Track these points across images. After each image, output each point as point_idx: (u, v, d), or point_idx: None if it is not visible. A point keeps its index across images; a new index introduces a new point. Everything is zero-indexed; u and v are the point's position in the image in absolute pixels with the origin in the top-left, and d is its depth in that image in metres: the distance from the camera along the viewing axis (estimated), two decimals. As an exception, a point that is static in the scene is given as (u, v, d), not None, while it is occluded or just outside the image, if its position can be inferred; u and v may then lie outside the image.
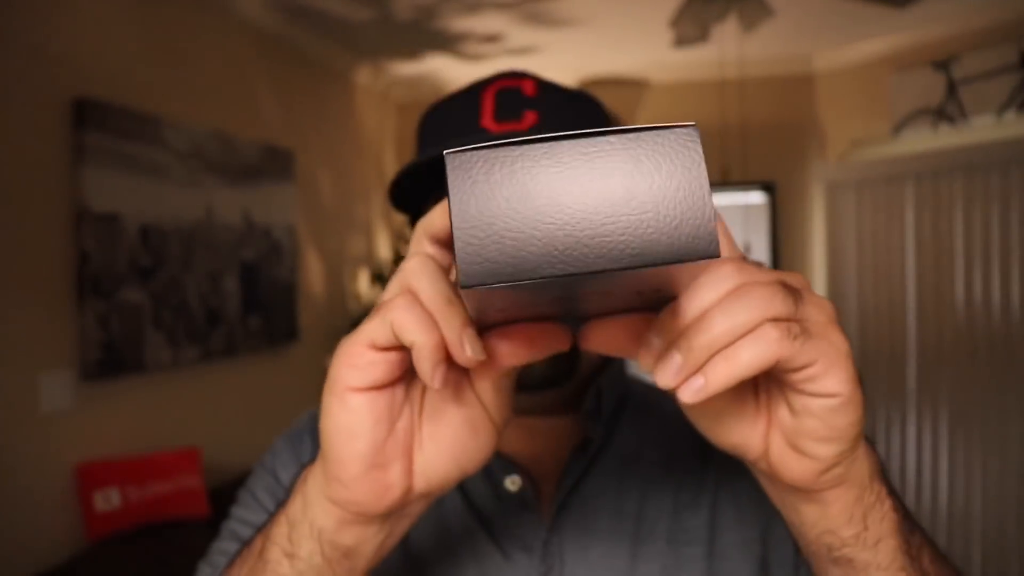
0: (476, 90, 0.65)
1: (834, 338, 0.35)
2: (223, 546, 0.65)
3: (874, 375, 3.40)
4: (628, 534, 0.62)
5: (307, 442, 0.70)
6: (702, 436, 0.65)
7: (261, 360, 2.93)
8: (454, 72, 3.75)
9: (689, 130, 0.28)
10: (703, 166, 0.28)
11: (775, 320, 0.33)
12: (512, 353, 0.37)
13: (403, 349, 0.37)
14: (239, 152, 2.74)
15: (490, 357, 0.37)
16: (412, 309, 0.35)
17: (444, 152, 0.28)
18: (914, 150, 3.26)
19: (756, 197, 3.78)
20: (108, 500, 2.07)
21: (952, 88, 3.15)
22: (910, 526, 0.43)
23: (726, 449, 0.41)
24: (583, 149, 0.28)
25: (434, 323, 0.35)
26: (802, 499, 0.40)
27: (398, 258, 3.73)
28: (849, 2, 2.80)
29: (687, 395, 0.33)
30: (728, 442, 0.40)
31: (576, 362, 0.64)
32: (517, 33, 3.22)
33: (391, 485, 0.40)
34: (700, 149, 0.28)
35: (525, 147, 0.28)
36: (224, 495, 2.40)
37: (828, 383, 0.35)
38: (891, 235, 3.33)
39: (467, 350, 0.35)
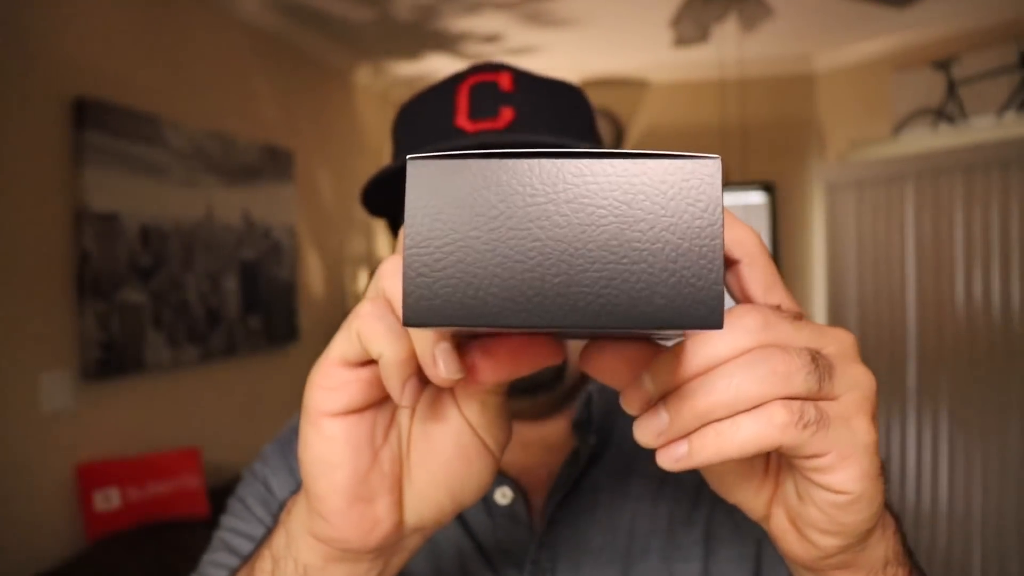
0: (451, 85, 0.62)
1: (857, 427, 0.30)
2: (214, 557, 0.63)
3: (874, 374, 3.38)
4: (621, 550, 0.60)
5: (296, 449, 0.69)
6: None
7: (261, 360, 2.93)
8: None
9: (710, 163, 0.23)
10: (721, 212, 0.23)
11: (788, 399, 0.28)
12: (493, 369, 0.31)
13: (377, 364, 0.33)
14: (239, 152, 2.74)
15: (470, 373, 0.31)
16: (381, 318, 0.31)
17: (407, 157, 0.24)
18: (914, 150, 3.26)
19: (756, 197, 3.78)
20: (108, 500, 2.07)
21: (952, 88, 3.15)
22: None
23: (728, 501, 0.38)
24: (571, 171, 0.23)
25: (404, 333, 0.31)
26: (802, 571, 0.38)
27: (398, 258, 3.73)
28: (849, 2, 2.80)
29: (665, 462, 0.29)
30: (729, 498, 0.36)
31: (565, 364, 0.61)
32: (517, 33, 3.22)
33: (379, 520, 0.36)
34: (720, 189, 0.23)
35: (496, 161, 0.23)
36: (224, 495, 2.39)
37: (838, 479, 0.30)
38: (891, 235, 3.33)
39: (440, 367, 0.29)
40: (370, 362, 0.33)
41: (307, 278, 3.27)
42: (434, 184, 0.23)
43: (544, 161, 0.23)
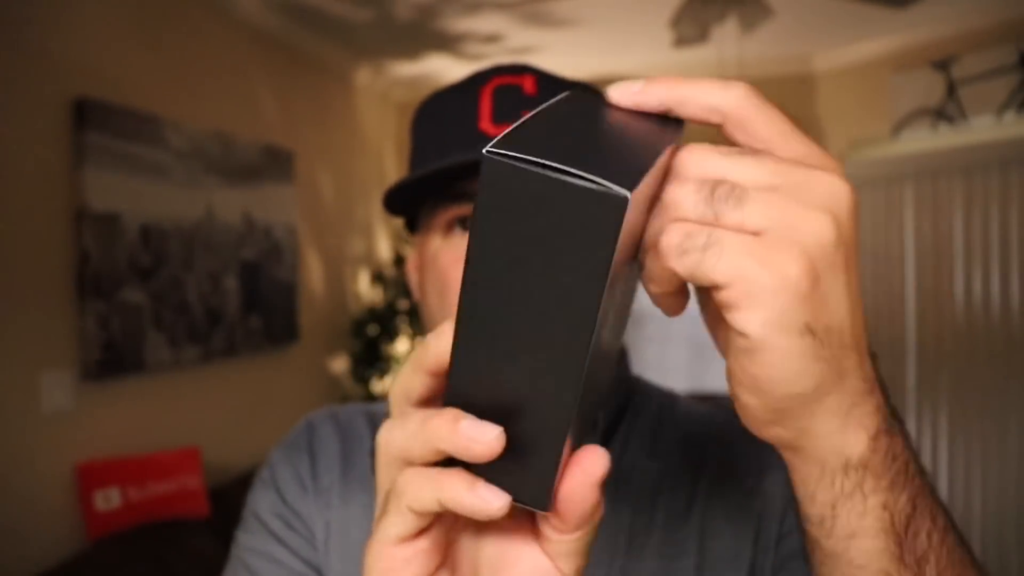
0: (473, 87, 0.62)
1: (775, 265, 0.27)
2: None
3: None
4: (621, 549, 0.60)
5: (304, 458, 0.68)
6: (698, 447, 0.66)
7: (261, 360, 2.93)
8: (454, 72, 3.75)
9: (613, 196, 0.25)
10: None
11: (682, 221, 0.28)
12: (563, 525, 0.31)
13: (435, 521, 0.32)
14: (239, 152, 2.75)
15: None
16: (427, 478, 0.30)
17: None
18: (914, 150, 3.26)
19: (756, 197, 3.78)
20: (108, 500, 2.07)
21: (952, 88, 3.15)
22: (917, 526, 0.34)
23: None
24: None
25: (457, 477, 0.30)
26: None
27: (398, 258, 3.73)
28: (849, 2, 2.80)
29: None
30: (719, 349, 0.35)
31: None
32: (517, 33, 3.22)
33: None
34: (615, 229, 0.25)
35: None
36: (224, 495, 2.40)
37: (740, 318, 0.28)
38: (890, 235, 3.33)
39: (491, 504, 0.29)
40: (426, 528, 0.32)
41: (307, 278, 3.27)
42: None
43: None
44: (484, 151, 0.25)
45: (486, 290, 0.27)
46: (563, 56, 3.53)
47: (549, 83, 0.62)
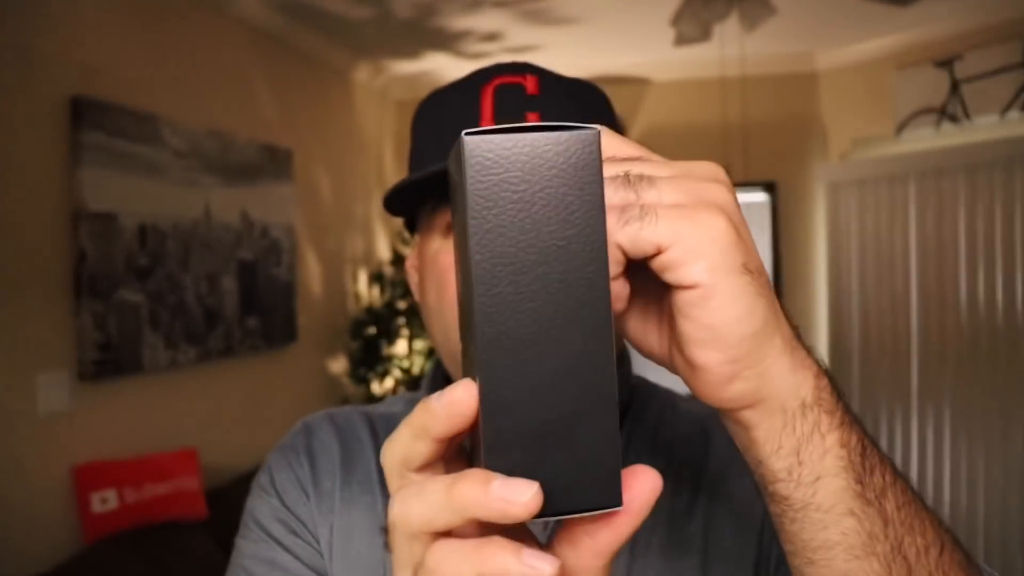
0: (475, 86, 0.61)
1: (704, 221, 0.31)
2: None
3: (877, 374, 3.38)
4: (625, 548, 0.59)
5: (303, 461, 0.67)
6: (700, 446, 0.65)
7: (259, 361, 2.92)
8: (454, 70, 3.73)
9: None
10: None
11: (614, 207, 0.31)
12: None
13: None
14: (237, 151, 2.73)
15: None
16: (455, 549, 0.28)
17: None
18: (917, 149, 3.25)
19: (758, 196, 3.77)
20: (105, 501, 2.06)
21: (955, 87, 3.13)
22: (871, 464, 0.36)
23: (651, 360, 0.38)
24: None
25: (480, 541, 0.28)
26: (730, 422, 0.37)
27: (397, 258, 3.71)
28: (852, 0, 2.78)
29: None
30: (640, 348, 0.38)
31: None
32: (517, 31, 3.20)
33: None
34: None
35: None
36: (222, 496, 2.38)
37: (687, 273, 0.31)
38: (894, 234, 3.32)
39: (543, 571, 0.26)
40: None
41: (306, 278, 3.26)
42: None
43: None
44: (462, 134, 0.27)
45: (494, 275, 0.27)
46: (563, 55, 3.52)
47: (551, 82, 0.62)
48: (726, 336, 0.32)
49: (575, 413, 0.28)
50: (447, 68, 3.71)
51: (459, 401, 0.28)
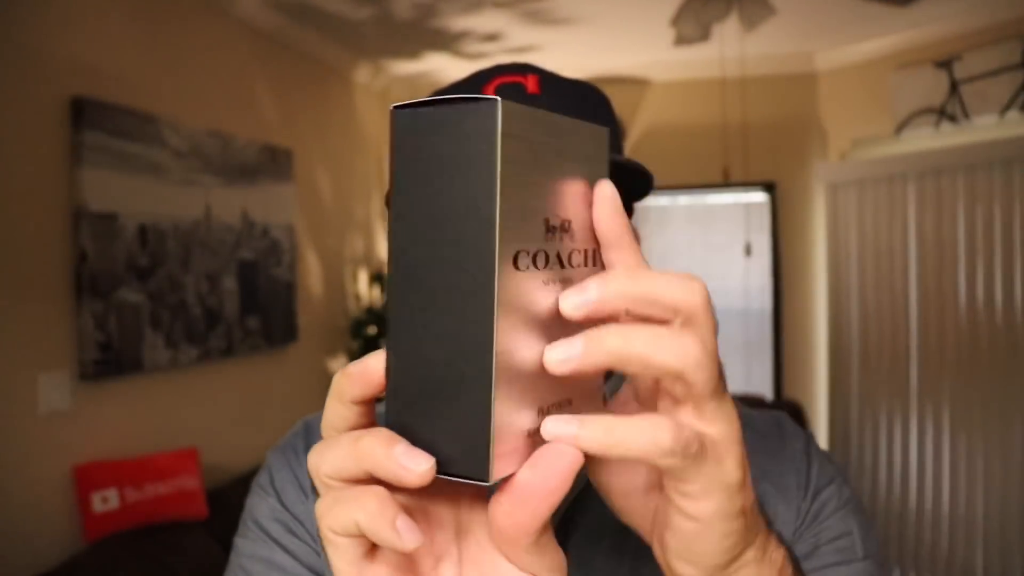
0: (475, 85, 0.62)
1: (727, 466, 0.32)
2: None
3: (875, 375, 3.39)
4: (631, 550, 0.60)
5: (302, 461, 0.67)
6: None
7: (259, 360, 2.92)
8: (454, 71, 3.73)
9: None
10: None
11: (678, 426, 0.30)
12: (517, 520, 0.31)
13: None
14: (237, 151, 2.73)
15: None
16: (335, 496, 0.31)
17: None
18: (916, 149, 3.25)
19: (757, 197, 3.77)
20: (106, 501, 2.06)
21: (954, 87, 3.13)
22: None
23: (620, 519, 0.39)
24: None
25: (372, 495, 0.30)
26: None
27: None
28: (851, 1, 2.78)
29: (552, 364, 0.30)
30: (619, 513, 0.38)
31: None
32: (517, 32, 3.21)
33: None
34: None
35: None
36: (223, 496, 2.39)
37: (694, 507, 0.33)
38: (893, 234, 3.32)
39: (402, 538, 0.29)
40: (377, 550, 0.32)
41: (306, 278, 3.26)
42: None
43: None
44: (391, 108, 0.29)
45: (409, 237, 0.29)
46: (563, 55, 3.52)
47: (552, 82, 0.62)
48: (706, 561, 0.34)
49: (456, 380, 0.29)
50: (447, 68, 3.71)
51: (370, 366, 0.31)
